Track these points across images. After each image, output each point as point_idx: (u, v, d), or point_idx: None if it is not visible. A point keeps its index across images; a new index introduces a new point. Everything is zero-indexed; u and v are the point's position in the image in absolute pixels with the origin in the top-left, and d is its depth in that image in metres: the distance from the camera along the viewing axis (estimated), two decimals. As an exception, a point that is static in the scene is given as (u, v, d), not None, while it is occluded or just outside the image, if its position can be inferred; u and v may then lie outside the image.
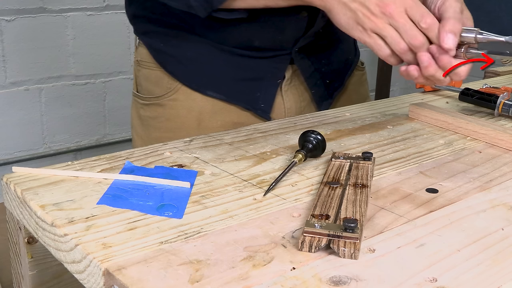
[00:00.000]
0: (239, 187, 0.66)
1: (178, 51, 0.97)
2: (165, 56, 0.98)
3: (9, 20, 2.07)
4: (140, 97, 1.02)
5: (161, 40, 0.98)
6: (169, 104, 0.97)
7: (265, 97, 0.99)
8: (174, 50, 0.97)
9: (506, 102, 0.97)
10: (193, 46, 0.97)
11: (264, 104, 0.99)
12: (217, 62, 0.97)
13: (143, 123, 1.01)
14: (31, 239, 0.67)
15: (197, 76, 0.97)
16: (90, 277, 0.51)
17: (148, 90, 1.00)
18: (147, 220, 0.57)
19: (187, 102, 0.97)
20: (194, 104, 0.97)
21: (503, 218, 0.60)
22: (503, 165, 0.75)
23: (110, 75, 2.36)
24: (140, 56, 1.02)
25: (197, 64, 0.97)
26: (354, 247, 0.51)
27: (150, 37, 1.00)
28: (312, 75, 1.01)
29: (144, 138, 1.01)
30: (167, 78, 0.98)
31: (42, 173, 0.68)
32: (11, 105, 2.14)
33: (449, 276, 0.49)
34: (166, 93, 0.97)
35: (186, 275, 0.48)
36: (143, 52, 1.01)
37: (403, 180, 0.70)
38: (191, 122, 0.97)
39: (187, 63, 0.97)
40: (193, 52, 0.97)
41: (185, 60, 0.97)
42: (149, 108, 1.00)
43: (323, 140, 0.75)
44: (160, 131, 0.98)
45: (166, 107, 0.98)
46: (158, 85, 0.99)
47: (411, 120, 0.95)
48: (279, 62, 0.98)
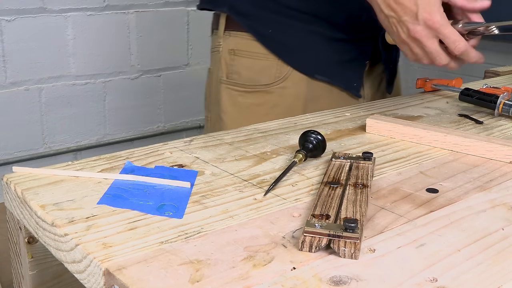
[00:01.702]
0: (239, 187, 0.66)
1: (286, 37, 1.05)
2: (275, 42, 1.05)
3: (9, 20, 2.07)
4: (239, 85, 1.07)
5: (269, 26, 1.04)
6: (278, 91, 1.05)
7: (356, 77, 1.10)
8: (282, 36, 1.05)
9: (506, 102, 0.97)
10: (300, 33, 1.04)
11: (356, 84, 1.10)
12: (321, 47, 1.06)
13: (241, 110, 1.07)
14: (31, 239, 0.67)
15: (306, 60, 1.06)
16: (90, 277, 0.51)
17: (251, 78, 1.06)
18: (147, 220, 0.57)
19: (294, 89, 1.04)
20: (301, 90, 1.05)
21: (503, 218, 0.60)
22: (503, 165, 0.75)
23: (110, 75, 2.36)
24: (236, 45, 1.07)
25: (305, 49, 1.06)
26: (355, 247, 0.51)
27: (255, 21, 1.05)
28: (388, 57, 1.13)
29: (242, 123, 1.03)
30: (275, 66, 1.04)
31: (42, 173, 0.68)
32: (11, 105, 2.14)
33: (449, 276, 0.49)
34: (275, 81, 1.04)
35: (186, 275, 0.48)
36: (241, 42, 1.06)
37: (403, 180, 0.70)
38: (298, 107, 1.05)
39: (297, 49, 1.05)
40: (300, 38, 1.05)
41: (294, 46, 1.05)
42: (252, 95, 1.06)
43: (323, 140, 0.75)
44: (265, 116, 1.02)
45: (274, 95, 1.05)
46: (264, 74, 1.05)
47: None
48: (367, 44, 1.09)
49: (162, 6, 2.43)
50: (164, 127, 2.59)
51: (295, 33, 1.05)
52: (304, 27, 1.04)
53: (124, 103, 2.43)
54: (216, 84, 1.11)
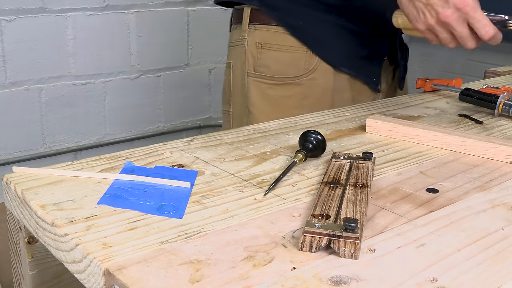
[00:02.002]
0: (239, 187, 0.66)
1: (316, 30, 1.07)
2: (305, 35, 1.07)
3: (9, 20, 2.07)
4: (268, 78, 1.08)
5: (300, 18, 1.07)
6: (307, 83, 1.07)
7: (376, 71, 1.14)
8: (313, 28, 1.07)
9: (506, 102, 0.97)
10: (328, 26, 1.07)
11: (375, 78, 1.14)
12: (348, 41, 1.09)
13: (271, 102, 1.09)
14: (31, 239, 0.67)
15: (334, 53, 1.09)
16: (90, 277, 0.51)
17: (280, 71, 1.08)
18: (147, 220, 0.57)
19: (323, 81, 1.07)
20: (329, 82, 1.08)
21: (503, 218, 0.60)
22: (503, 165, 0.75)
23: (110, 75, 2.36)
24: (263, 39, 1.08)
25: (333, 42, 1.09)
26: (355, 247, 0.51)
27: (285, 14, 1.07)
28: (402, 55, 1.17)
29: (271, 115, 1.05)
30: (304, 58, 1.06)
31: (42, 173, 0.68)
32: (11, 105, 2.14)
33: (449, 276, 0.49)
34: (304, 73, 1.06)
35: (186, 275, 0.48)
36: (268, 35, 1.08)
37: (403, 180, 0.70)
38: (326, 98, 1.07)
39: (326, 42, 1.08)
40: (328, 31, 1.08)
41: (324, 39, 1.08)
42: (282, 87, 1.08)
43: (323, 140, 0.75)
44: (295, 108, 1.05)
45: (303, 86, 1.07)
46: (293, 66, 1.07)
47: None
48: (387, 41, 1.13)
49: (162, 6, 2.43)
50: (164, 127, 2.59)
51: (324, 26, 1.07)
52: (333, 21, 1.07)
53: (124, 103, 2.43)
54: (242, 78, 1.12)
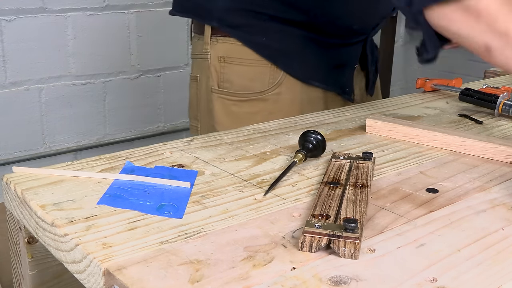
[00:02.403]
0: (239, 187, 0.66)
1: (281, 44, 1.03)
2: (269, 50, 1.01)
3: (9, 20, 2.07)
4: (232, 94, 1.03)
5: (263, 34, 1.02)
6: (273, 98, 1.02)
7: (348, 81, 1.11)
8: (277, 43, 1.03)
9: (506, 102, 0.97)
10: (296, 40, 1.03)
11: (348, 88, 1.10)
12: (316, 52, 1.05)
13: (236, 119, 1.02)
14: (31, 239, 0.67)
15: (302, 67, 1.05)
16: (90, 277, 0.51)
17: (244, 86, 1.02)
18: (147, 220, 0.57)
19: (290, 95, 1.03)
20: (296, 96, 1.03)
21: (503, 218, 0.60)
22: (503, 165, 0.75)
23: (110, 75, 2.36)
24: (226, 52, 1.02)
25: (300, 55, 1.05)
26: (354, 247, 0.51)
27: (247, 31, 1.01)
28: (372, 59, 1.15)
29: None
30: (269, 72, 1.01)
31: (42, 173, 0.68)
32: (11, 105, 2.14)
33: (449, 276, 0.49)
34: (269, 88, 1.01)
35: (186, 275, 0.48)
36: (230, 48, 1.02)
37: (403, 180, 0.70)
38: (294, 113, 0.99)
39: (292, 55, 1.04)
40: (295, 43, 1.04)
41: (290, 53, 1.04)
42: (246, 104, 1.02)
43: (323, 140, 0.75)
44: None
45: (269, 102, 1.02)
46: (257, 81, 1.02)
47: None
48: (357, 48, 1.10)
49: (162, 6, 2.42)
50: (164, 127, 2.59)
51: (289, 40, 1.03)
52: (298, 34, 1.02)
53: (124, 103, 2.43)
54: (207, 94, 1.06)
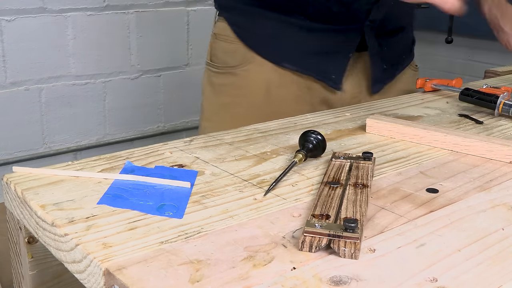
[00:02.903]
0: (239, 187, 0.66)
1: (259, 27, 1.07)
2: (247, 32, 1.08)
3: (9, 20, 2.07)
4: (214, 66, 1.12)
5: (244, 16, 1.08)
6: (242, 73, 1.08)
7: (336, 69, 1.08)
8: (256, 26, 1.08)
9: (506, 102, 0.97)
10: (273, 23, 1.06)
11: (335, 75, 1.08)
12: (295, 38, 1.06)
13: (214, 89, 1.12)
14: (31, 239, 0.67)
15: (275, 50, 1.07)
16: (90, 277, 0.51)
17: (223, 60, 1.10)
18: (147, 220, 0.57)
19: (257, 73, 1.07)
20: (264, 76, 1.07)
21: (503, 218, 0.60)
22: (503, 165, 0.75)
23: (110, 75, 2.36)
24: (219, 30, 1.12)
25: (277, 40, 1.07)
26: (355, 247, 0.51)
27: (232, 13, 1.10)
28: (376, 53, 1.10)
29: (213, 102, 1.12)
30: (243, 50, 1.08)
31: (42, 173, 0.68)
32: (11, 105, 2.14)
33: (449, 276, 0.49)
34: (240, 64, 1.07)
35: (186, 275, 0.48)
36: (222, 26, 1.11)
37: (403, 180, 0.70)
38: (260, 91, 1.07)
39: (268, 39, 1.07)
40: (273, 29, 1.07)
41: (266, 37, 1.07)
42: (222, 76, 1.10)
43: (323, 140, 0.75)
44: (230, 96, 1.09)
45: (238, 77, 1.08)
46: (233, 57, 1.09)
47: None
48: (351, 36, 1.07)
49: (162, 6, 2.43)
50: (164, 127, 2.59)
51: (267, 23, 1.06)
52: (279, 17, 1.05)
53: (124, 103, 2.43)
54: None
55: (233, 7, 1.10)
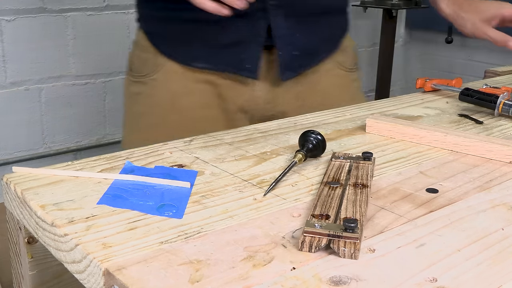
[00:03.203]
0: (239, 187, 0.66)
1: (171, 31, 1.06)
2: (159, 38, 1.08)
3: (9, 20, 2.07)
4: (131, 75, 1.12)
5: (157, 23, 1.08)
6: (150, 82, 1.07)
7: (249, 58, 1.03)
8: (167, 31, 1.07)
9: (506, 102, 0.97)
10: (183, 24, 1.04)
11: (250, 65, 1.03)
12: (204, 35, 1.03)
13: (130, 97, 1.13)
14: (31, 239, 0.67)
15: (186, 50, 1.06)
16: (90, 277, 0.51)
17: (138, 69, 1.10)
18: (147, 220, 0.57)
19: (163, 82, 1.06)
20: (169, 85, 1.06)
21: (503, 218, 0.60)
22: (503, 165, 0.75)
23: (110, 75, 2.36)
24: (137, 38, 1.13)
25: (187, 40, 1.05)
26: (354, 247, 0.51)
27: (147, 22, 1.11)
28: (284, 36, 1.02)
29: (129, 111, 1.14)
30: (155, 58, 1.07)
31: (42, 173, 0.68)
32: (11, 105, 2.14)
33: (449, 276, 0.49)
34: (149, 73, 1.07)
35: (186, 275, 0.48)
36: (140, 35, 1.12)
37: (403, 180, 0.70)
38: (165, 100, 1.06)
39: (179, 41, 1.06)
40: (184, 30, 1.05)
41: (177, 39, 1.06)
42: (136, 85, 1.10)
43: (323, 140, 0.75)
44: (142, 106, 1.09)
45: (147, 86, 1.08)
46: (145, 65, 1.08)
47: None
48: (259, 22, 1.01)
49: (162, 6, 2.42)
50: (164, 127, 2.59)
51: (177, 25, 1.05)
52: (187, 16, 1.01)
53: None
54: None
55: (148, 16, 1.10)
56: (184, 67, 1.05)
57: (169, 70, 1.06)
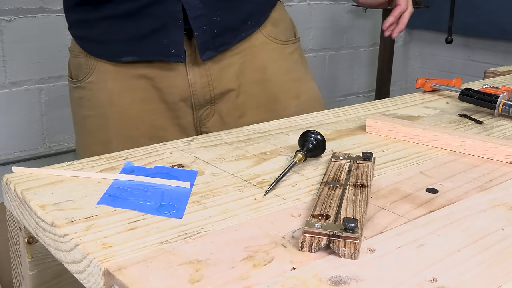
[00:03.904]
0: (239, 187, 0.66)
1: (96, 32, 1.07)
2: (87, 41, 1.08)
3: (9, 20, 2.07)
4: (70, 81, 1.14)
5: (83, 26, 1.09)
6: (87, 86, 1.08)
7: (173, 43, 1.01)
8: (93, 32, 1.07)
9: (506, 102, 0.97)
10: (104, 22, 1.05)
11: (174, 49, 1.01)
12: (125, 28, 1.03)
13: (74, 103, 1.14)
14: (31, 239, 0.67)
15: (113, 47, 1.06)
16: (90, 277, 0.51)
17: (75, 74, 1.12)
18: (147, 220, 0.57)
19: (99, 83, 1.07)
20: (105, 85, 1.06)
21: (503, 218, 0.60)
22: (503, 165, 0.75)
23: (110, 75, 2.36)
24: (71, 45, 1.13)
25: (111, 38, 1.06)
26: (354, 247, 0.51)
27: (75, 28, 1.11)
28: (198, 17, 1.01)
29: (75, 116, 1.14)
30: (85, 62, 1.08)
31: (42, 173, 0.68)
32: (11, 105, 2.14)
33: (449, 276, 0.49)
34: (84, 76, 1.08)
35: (186, 275, 0.48)
36: (72, 41, 1.12)
37: (403, 180, 0.70)
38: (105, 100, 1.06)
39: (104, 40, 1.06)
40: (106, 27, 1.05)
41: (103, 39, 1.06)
42: (76, 90, 1.11)
43: (323, 140, 0.75)
44: (85, 110, 1.09)
45: (85, 89, 1.09)
46: (80, 70, 1.10)
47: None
48: (173, 6, 0.99)
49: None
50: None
51: (100, 24, 1.05)
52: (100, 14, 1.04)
53: (124, 103, 2.42)
54: None
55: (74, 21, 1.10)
56: (115, 65, 1.05)
57: (102, 70, 1.06)
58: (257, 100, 1.10)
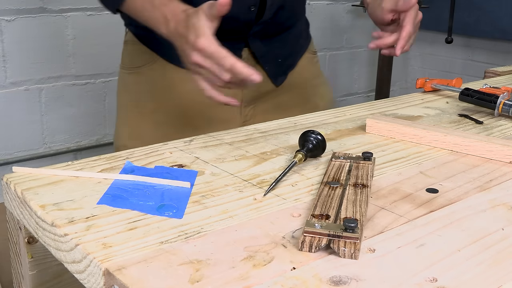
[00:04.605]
0: (239, 187, 0.66)
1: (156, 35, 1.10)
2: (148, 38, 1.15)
3: (9, 20, 2.07)
4: (125, 68, 1.20)
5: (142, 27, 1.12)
6: (147, 72, 1.15)
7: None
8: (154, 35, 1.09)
9: (506, 102, 0.97)
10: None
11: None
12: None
13: (125, 88, 1.20)
14: (31, 239, 0.67)
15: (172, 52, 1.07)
16: (90, 277, 0.51)
17: (133, 62, 1.18)
18: (147, 220, 0.57)
19: (160, 71, 1.13)
20: (167, 73, 1.12)
21: (503, 218, 0.60)
22: (503, 165, 0.75)
23: (110, 75, 2.36)
24: (127, 38, 1.21)
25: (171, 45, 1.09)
26: (354, 247, 0.51)
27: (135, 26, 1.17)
28: (265, 55, 1.13)
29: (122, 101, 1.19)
30: (148, 52, 1.14)
31: (42, 173, 0.68)
32: (11, 105, 2.14)
33: (449, 276, 0.49)
34: (145, 64, 1.15)
35: (186, 275, 0.48)
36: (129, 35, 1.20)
37: (403, 180, 0.70)
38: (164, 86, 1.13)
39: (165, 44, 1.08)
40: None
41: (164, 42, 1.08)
42: (132, 75, 1.17)
43: (323, 140, 0.75)
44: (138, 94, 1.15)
45: (145, 75, 1.15)
46: (141, 57, 1.16)
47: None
48: (236, 44, 1.09)
49: (162, 6, 2.42)
50: (164, 127, 2.59)
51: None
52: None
53: (124, 103, 2.42)
54: None
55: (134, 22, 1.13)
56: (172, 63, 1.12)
57: (164, 63, 1.12)
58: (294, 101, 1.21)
